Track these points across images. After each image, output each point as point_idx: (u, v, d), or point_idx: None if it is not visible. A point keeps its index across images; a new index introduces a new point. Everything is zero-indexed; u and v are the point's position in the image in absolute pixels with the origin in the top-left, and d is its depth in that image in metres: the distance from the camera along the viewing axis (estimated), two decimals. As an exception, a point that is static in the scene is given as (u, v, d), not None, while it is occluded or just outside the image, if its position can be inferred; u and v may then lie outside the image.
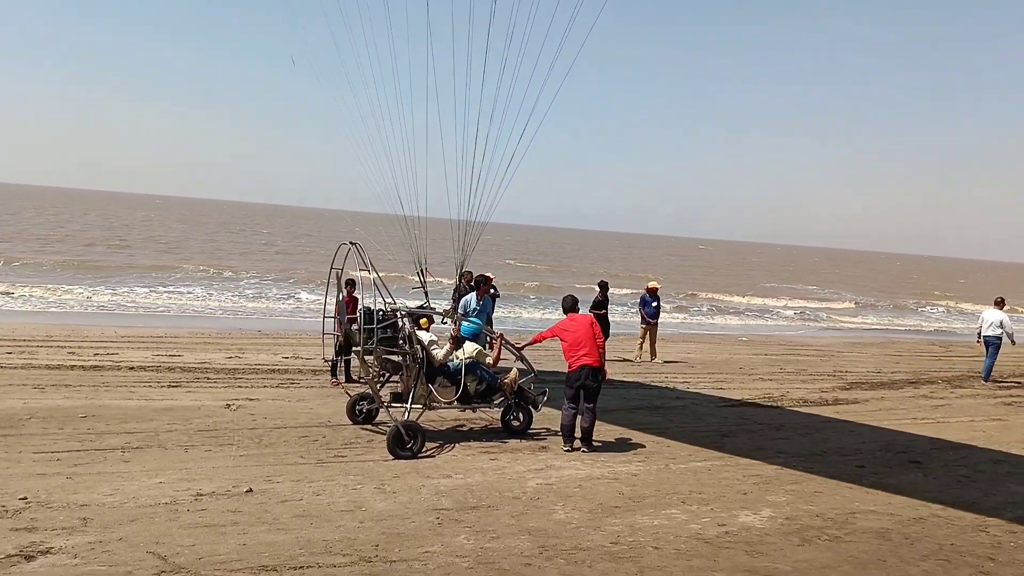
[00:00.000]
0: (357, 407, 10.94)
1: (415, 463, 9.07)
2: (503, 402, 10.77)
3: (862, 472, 9.78)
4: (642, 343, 19.85)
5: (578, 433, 10.12)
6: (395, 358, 10.23)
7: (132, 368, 14.02)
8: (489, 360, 10.89)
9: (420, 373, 10.00)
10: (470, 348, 10.71)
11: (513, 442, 10.41)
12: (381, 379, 10.74)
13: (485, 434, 10.82)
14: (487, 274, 15.04)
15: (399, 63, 11.41)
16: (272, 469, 8.52)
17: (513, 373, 10.74)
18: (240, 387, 13.04)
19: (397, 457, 9.21)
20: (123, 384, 12.61)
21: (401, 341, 10.00)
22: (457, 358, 10.43)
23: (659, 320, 20.14)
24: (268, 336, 20.29)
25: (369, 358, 10.20)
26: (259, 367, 15.05)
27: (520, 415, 10.90)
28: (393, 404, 10.36)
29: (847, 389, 16.77)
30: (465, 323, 11.82)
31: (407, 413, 9.81)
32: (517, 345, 11.12)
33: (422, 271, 11.80)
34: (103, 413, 10.57)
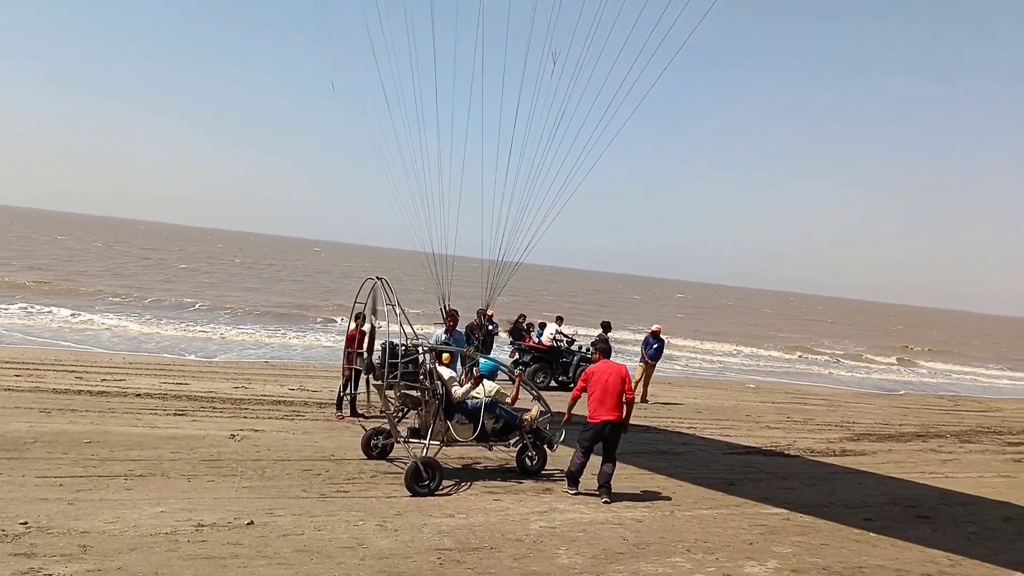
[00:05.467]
0: (372, 441, 10.89)
1: (418, 501, 9.00)
2: (519, 441, 10.75)
3: (869, 525, 9.65)
4: (640, 381, 19.89)
5: (575, 479, 9.95)
6: (415, 393, 10.13)
7: (139, 395, 14.02)
8: (508, 399, 10.85)
9: (439, 409, 10.00)
10: (489, 386, 10.69)
11: (517, 483, 10.33)
12: (399, 414, 10.66)
13: (489, 474, 10.74)
14: (487, 310, 14.69)
15: (441, 105, 11.75)
16: (274, 502, 8.47)
17: (534, 412, 10.75)
18: (245, 417, 13.01)
19: (415, 494, 9.17)
20: (129, 411, 12.60)
21: (422, 376, 9.97)
22: (476, 396, 10.42)
23: (657, 363, 20.53)
24: (275, 367, 20.29)
25: (389, 392, 10.09)
26: (265, 398, 15.03)
27: (535, 455, 10.85)
28: (411, 440, 10.24)
29: (854, 440, 16.62)
30: (483, 360, 11.76)
31: (426, 449, 9.77)
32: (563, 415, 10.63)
33: (444, 308, 11.86)
34: (107, 439, 10.55)
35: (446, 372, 10.38)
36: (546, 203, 11.11)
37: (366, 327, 14.33)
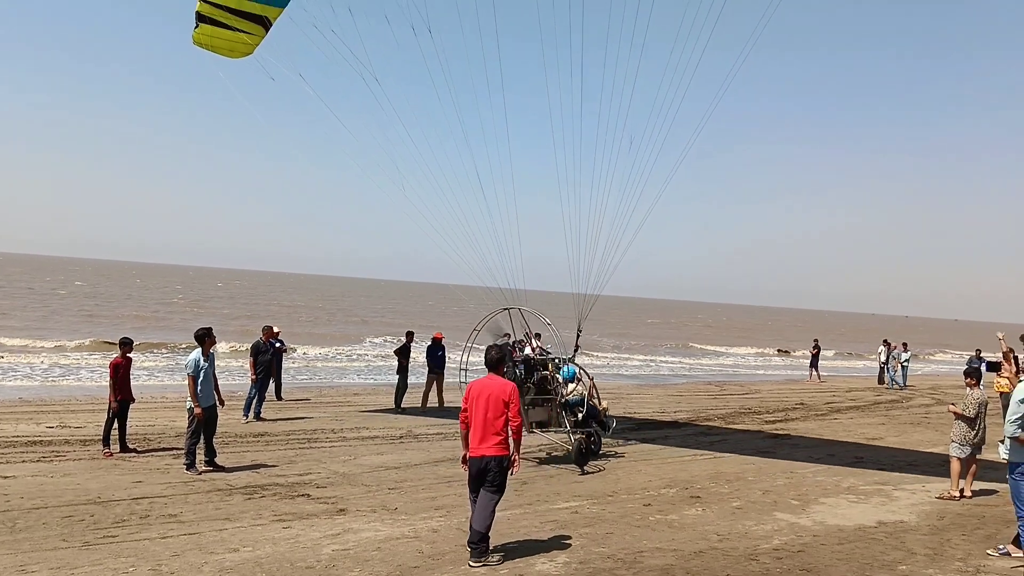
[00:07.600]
0: None
1: (197, 539, 8.40)
2: (588, 425, 13.95)
3: (649, 510, 10.31)
4: (427, 392, 20.02)
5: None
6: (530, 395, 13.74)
7: None
8: (584, 395, 14.22)
9: (558, 406, 13.73)
10: (578, 388, 14.17)
11: (309, 507, 9.97)
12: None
13: (279, 501, 10.26)
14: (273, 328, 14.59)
15: (514, 157, 15.35)
16: (27, 557, 7.56)
17: (605, 404, 15.13)
18: (-8, 464, 11.52)
19: (582, 467, 12.69)
20: None
21: (552, 385, 13.82)
22: (574, 394, 14.03)
23: (444, 369, 20.47)
24: (31, 403, 18.17)
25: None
26: (17, 439, 13.41)
27: (597, 439, 14.11)
28: (539, 430, 13.86)
29: (635, 430, 17.71)
30: (566, 367, 14.40)
31: (571, 435, 13.40)
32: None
33: (528, 333, 14.94)
34: None
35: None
36: (611, 244, 14.40)
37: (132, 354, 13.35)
